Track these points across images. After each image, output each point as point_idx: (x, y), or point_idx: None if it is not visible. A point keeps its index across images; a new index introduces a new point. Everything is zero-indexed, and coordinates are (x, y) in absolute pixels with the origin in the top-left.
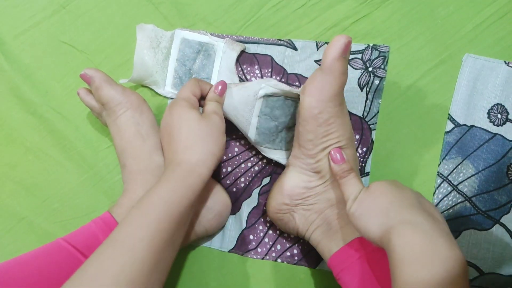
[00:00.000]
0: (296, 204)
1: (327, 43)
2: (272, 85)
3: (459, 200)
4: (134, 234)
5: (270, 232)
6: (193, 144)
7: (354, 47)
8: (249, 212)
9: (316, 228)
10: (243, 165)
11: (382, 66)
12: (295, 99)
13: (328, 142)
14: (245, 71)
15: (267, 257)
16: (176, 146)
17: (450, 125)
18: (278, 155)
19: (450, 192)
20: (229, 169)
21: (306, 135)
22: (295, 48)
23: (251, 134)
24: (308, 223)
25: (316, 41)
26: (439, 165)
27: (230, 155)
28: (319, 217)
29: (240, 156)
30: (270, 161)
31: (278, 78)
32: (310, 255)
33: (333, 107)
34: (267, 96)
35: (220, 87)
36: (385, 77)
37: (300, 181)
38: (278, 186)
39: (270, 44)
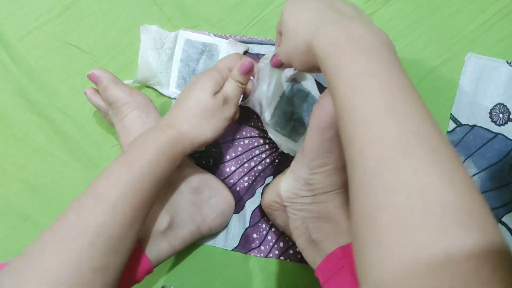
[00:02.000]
0: (285, 205)
1: None
2: (308, 77)
3: None
4: (117, 188)
5: (273, 230)
6: (190, 116)
7: None
8: (253, 211)
9: (300, 236)
10: (246, 165)
11: None
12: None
13: (327, 159)
14: None
15: (270, 255)
16: (177, 110)
17: (452, 125)
18: (282, 141)
19: None
20: (233, 168)
21: (310, 144)
22: None
23: (267, 113)
24: (293, 227)
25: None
26: None
27: (233, 154)
28: (303, 225)
29: (244, 156)
30: (273, 160)
31: None
32: None
33: None
34: (295, 82)
35: (244, 67)
36: None
37: (292, 187)
38: (274, 183)
39: (273, 44)
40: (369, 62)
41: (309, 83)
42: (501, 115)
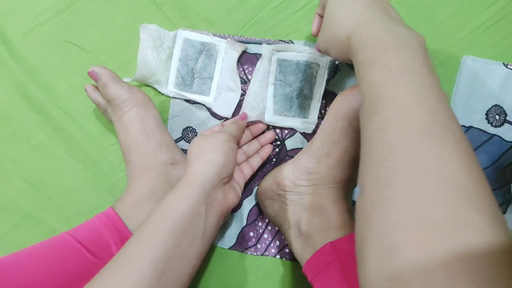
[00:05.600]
0: (279, 194)
1: None
2: (282, 48)
3: None
4: (132, 247)
5: (269, 228)
6: (195, 157)
7: None
8: (250, 210)
9: (290, 228)
10: None
11: None
12: (308, 63)
13: (333, 150)
14: (246, 71)
15: (267, 253)
16: (188, 161)
17: None
18: (295, 122)
19: None
20: None
21: (322, 131)
22: None
23: (269, 104)
24: (284, 218)
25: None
26: None
27: None
28: (294, 217)
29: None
30: (270, 159)
31: None
32: None
33: (354, 122)
34: (280, 60)
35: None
36: None
37: (292, 175)
38: (274, 171)
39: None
40: (408, 60)
41: (290, 54)
42: (497, 117)
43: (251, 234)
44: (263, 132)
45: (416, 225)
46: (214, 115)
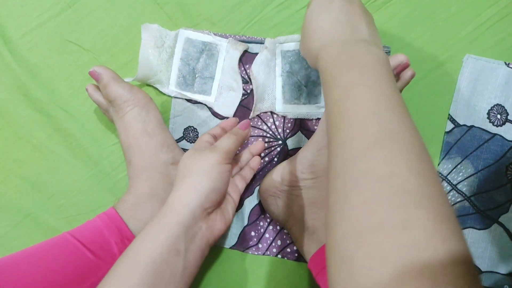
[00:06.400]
0: (283, 189)
1: None
2: (283, 40)
3: (458, 200)
4: None
5: (271, 227)
6: (180, 179)
7: None
8: (251, 209)
9: (295, 224)
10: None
11: None
12: None
13: None
14: (247, 70)
15: (268, 253)
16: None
17: (450, 125)
18: (307, 109)
19: (449, 191)
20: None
21: (324, 122)
22: None
23: (278, 94)
24: (289, 214)
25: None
26: (438, 164)
27: None
28: (299, 212)
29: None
30: (271, 159)
31: None
32: None
33: None
34: (284, 52)
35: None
36: None
37: (294, 169)
38: (276, 168)
39: None
40: (362, 75)
41: (292, 44)
42: (499, 116)
43: (253, 233)
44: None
45: (365, 230)
46: (215, 114)
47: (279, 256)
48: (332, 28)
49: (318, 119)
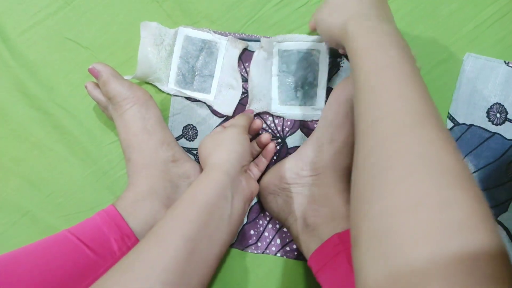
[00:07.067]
0: (283, 187)
1: None
2: (281, 39)
3: None
4: (165, 226)
5: (270, 226)
6: (212, 150)
7: None
8: (251, 208)
9: (295, 221)
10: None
11: None
12: (308, 50)
13: (337, 135)
14: (247, 68)
15: (267, 251)
16: (203, 158)
17: (449, 124)
18: (302, 111)
19: None
20: None
21: (324, 117)
22: None
23: (274, 94)
24: (289, 212)
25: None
26: None
27: None
28: (299, 209)
29: None
30: (271, 158)
31: None
32: None
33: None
34: (281, 51)
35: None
36: None
37: (295, 166)
38: (275, 166)
39: None
40: (397, 56)
41: (290, 43)
42: (498, 115)
43: (252, 232)
44: (259, 134)
45: (404, 207)
46: (215, 112)
47: (279, 254)
48: (365, 2)
49: (316, 120)
